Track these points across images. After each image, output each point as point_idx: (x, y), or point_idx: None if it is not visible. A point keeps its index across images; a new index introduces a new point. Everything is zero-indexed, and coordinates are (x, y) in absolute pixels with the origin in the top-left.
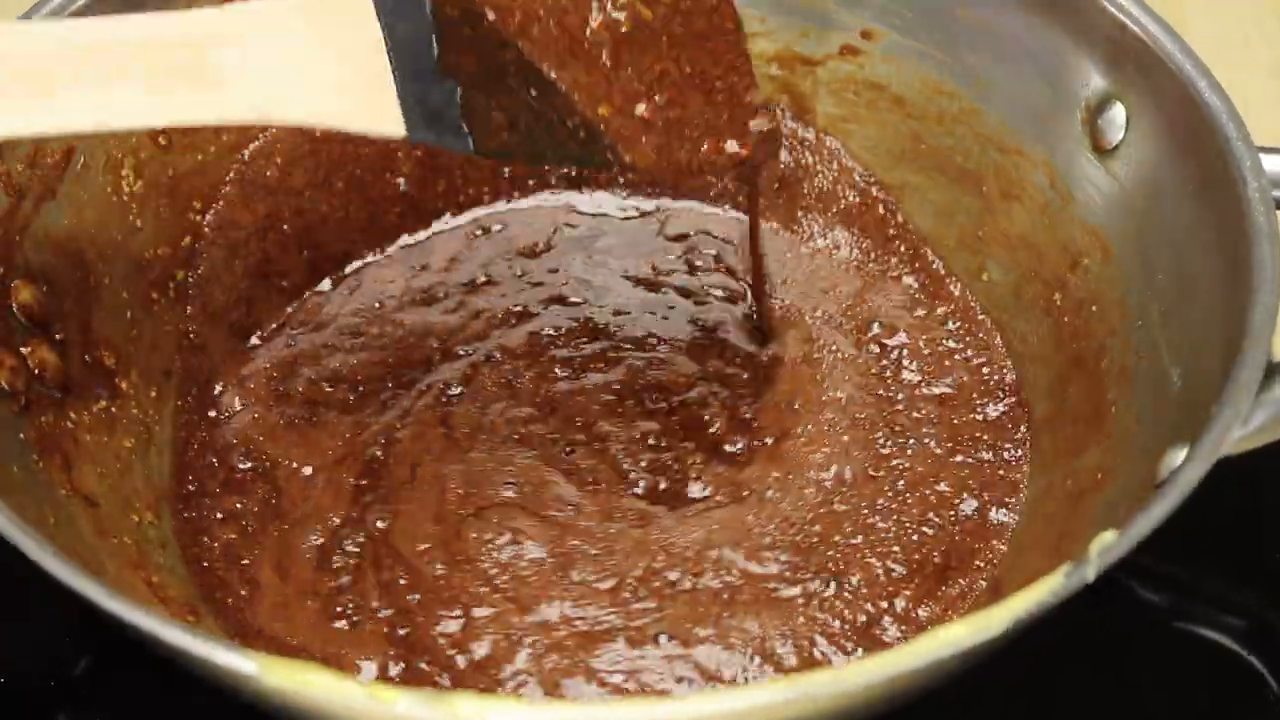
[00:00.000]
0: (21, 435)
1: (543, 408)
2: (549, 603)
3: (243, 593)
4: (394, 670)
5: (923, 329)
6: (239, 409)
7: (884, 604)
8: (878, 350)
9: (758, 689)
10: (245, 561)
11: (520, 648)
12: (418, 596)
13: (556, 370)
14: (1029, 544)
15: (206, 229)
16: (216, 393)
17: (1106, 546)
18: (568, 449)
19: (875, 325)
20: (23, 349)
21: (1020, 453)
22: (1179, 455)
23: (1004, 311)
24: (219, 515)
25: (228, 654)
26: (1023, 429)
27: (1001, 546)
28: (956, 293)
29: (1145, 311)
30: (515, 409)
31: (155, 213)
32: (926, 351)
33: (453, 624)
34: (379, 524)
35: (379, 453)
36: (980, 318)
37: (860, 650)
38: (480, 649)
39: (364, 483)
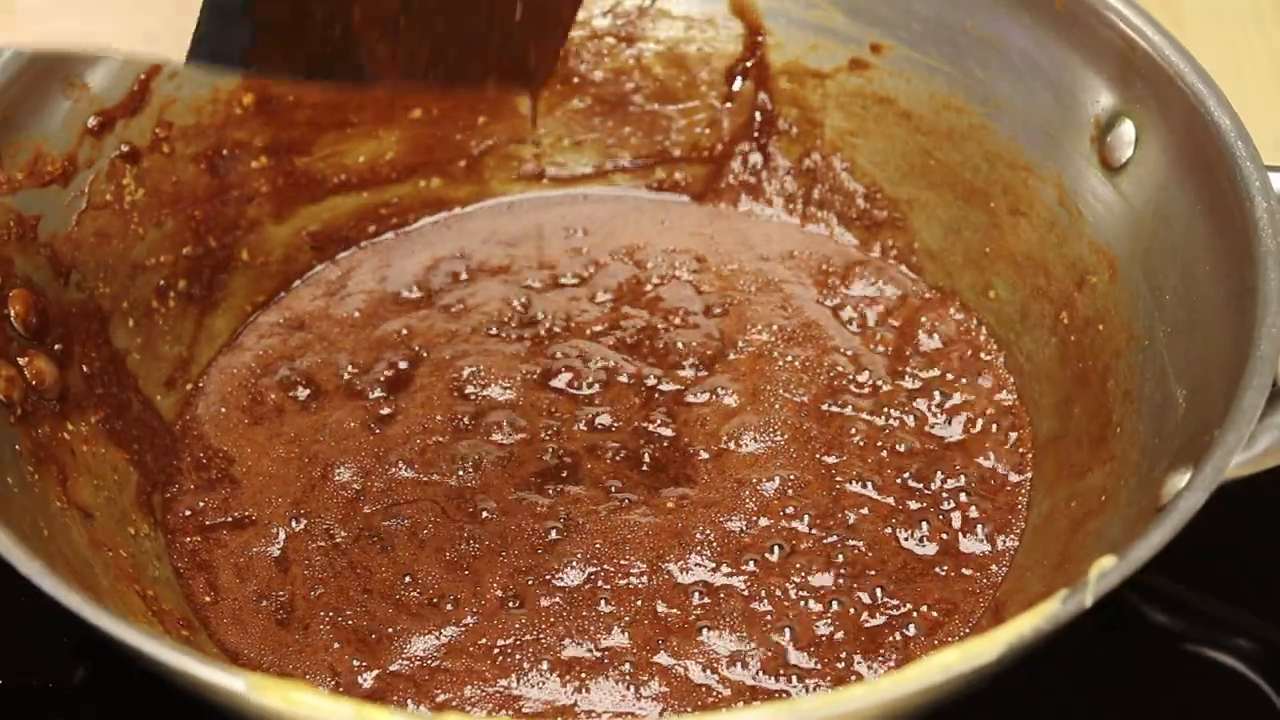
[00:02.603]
0: (17, 446)
1: (480, 415)
2: (489, 612)
3: (206, 599)
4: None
5: (927, 344)
6: (211, 409)
7: (882, 626)
8: (878, 364)
9: (743, 714)
10: (209, 566)
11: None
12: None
13: (514, 378)
14: (1030, 566)
15: (211, 238)
16: (197, 389)
17: (1104, 572)
18: (514, 455)
19: (877, 341)
20: (20, 360)
21: (1023, 475)
22: (1182, 479)
23: (1010, 330)
24: (190, 518)
25: (214, 671)
26: (1027, 450)
27: (1002, 570)
28: (961, 310)
29: (1152, 332)
30: (458, 415)
31: (157, 221)
32: (929, 368)
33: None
34: (294, 528)
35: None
36: (984, 338)
37: (829, 677)
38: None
39: (299, 490)
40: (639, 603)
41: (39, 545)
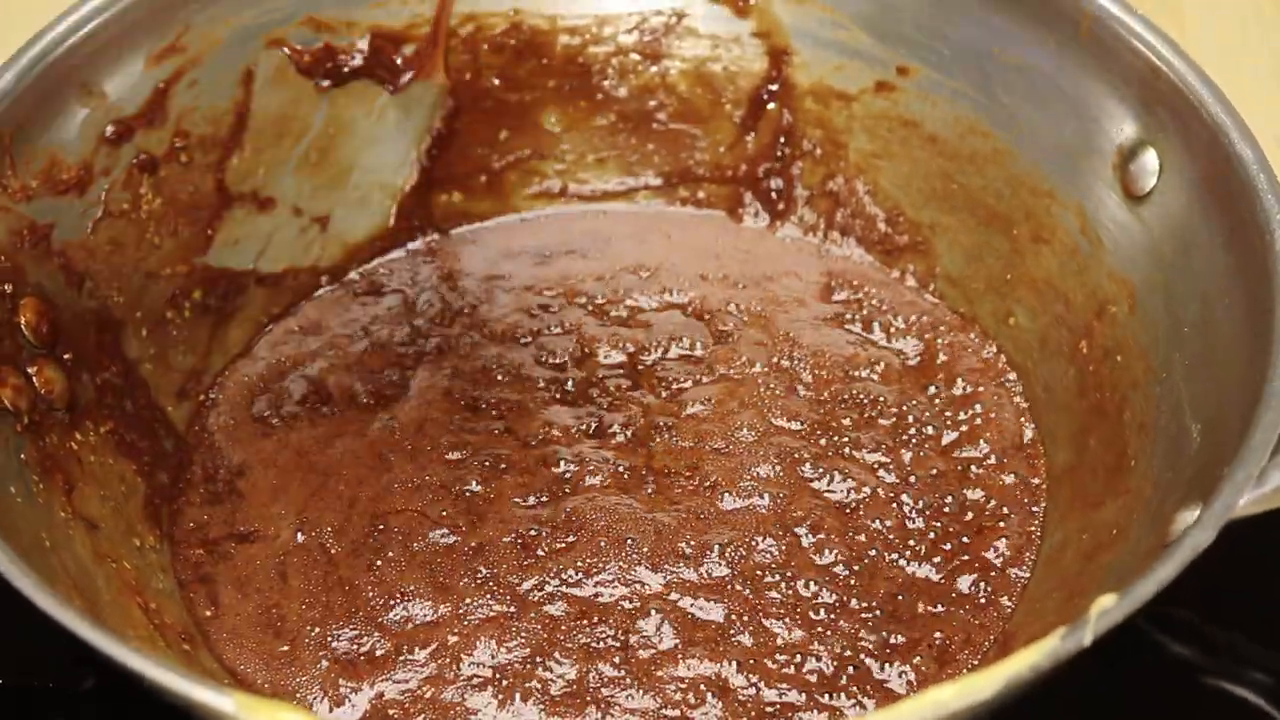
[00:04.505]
0: (22, 455)
1: (485, 427)
2: (486, 635)
3: (207, 613)
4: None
5: (944, 370)
6: (221, 420)
7: (888, 655)
8: (893, 388)
9: None
10: (211, 580)
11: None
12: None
13: (522, 391)
14: (1042, 598)
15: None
16: (209, 399)
17: (1104, 610)
18: (517, 467)
19: (893, 365)
20: (29, 368)
21: (1037, 506)
22: (1192, 515)
23: (1029, 358)
24: (195, 531)
25: (203, 690)
26: (1041, 480)
27: (1012, 601)
28: (980, 336)
29: (1170, 364)
30: (463, 427)
31: (173, 230)
32: (945, 393)
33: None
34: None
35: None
36: (1002, 365)
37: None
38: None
39: (302, 502)
40: (626, 626)
41: (40, 557)
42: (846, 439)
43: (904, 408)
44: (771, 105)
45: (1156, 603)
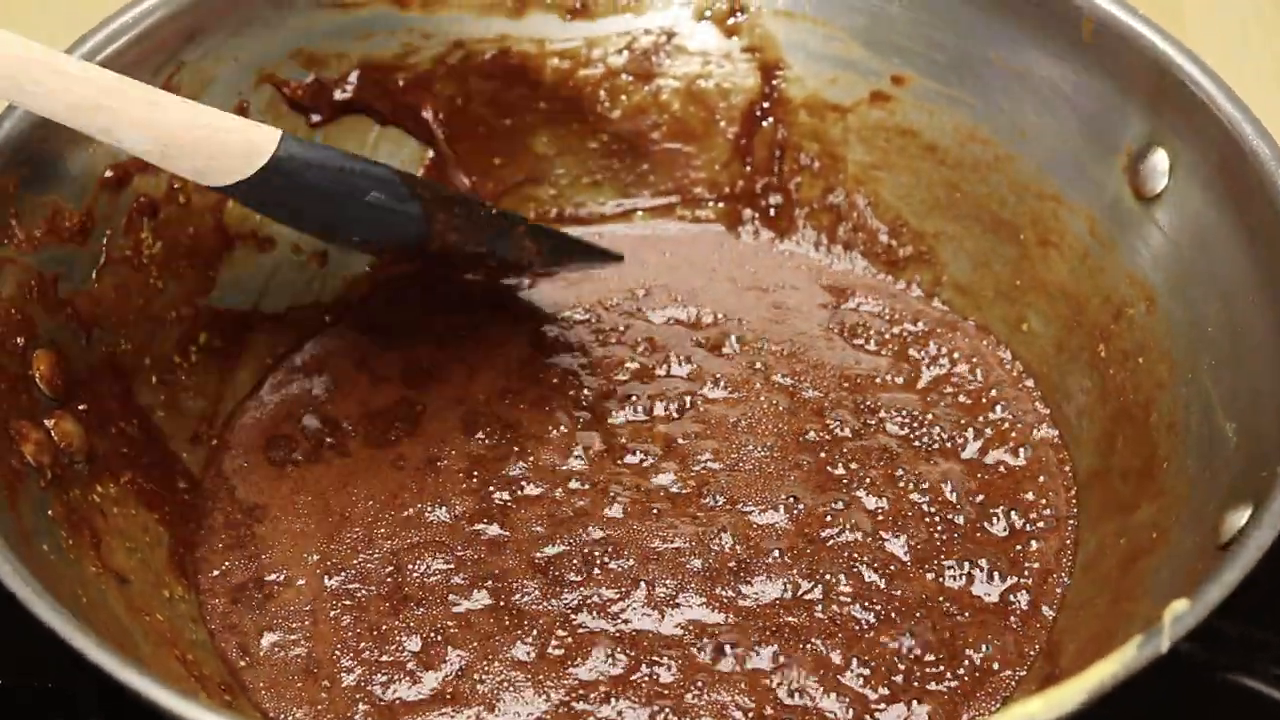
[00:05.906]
0: (50, 512)
1: (501, 459)
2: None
3: (241, 663)
4: None
5: (959, 380)
6: (236, 463)
7: (930, 671)
8: (911, 402)
9: None
10: (240, 629)
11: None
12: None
13: (534, 420)
14: (1083, 605)
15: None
16: (222, 443)
17: (1179, 615)
18: (536, 499)
19: (908, 378)
20: (46, 422)
21: (1068, 512)
22: (1242, 515)
23: (1045, 363)
24: (219, 579)
25: None
26: (1069, 486)
27: (1052, 610)
28: (994, 344)
29: (1195, 364)
30: (478, 460)
31: (175, 274)
32: (963, 403)
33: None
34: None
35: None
36: (1019, 372)
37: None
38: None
39: (324, 543)
40: (659, 653)
41: (81, 615)
42: (862, 451)
43: (917, 417)
44: (766, 121)
45: None
